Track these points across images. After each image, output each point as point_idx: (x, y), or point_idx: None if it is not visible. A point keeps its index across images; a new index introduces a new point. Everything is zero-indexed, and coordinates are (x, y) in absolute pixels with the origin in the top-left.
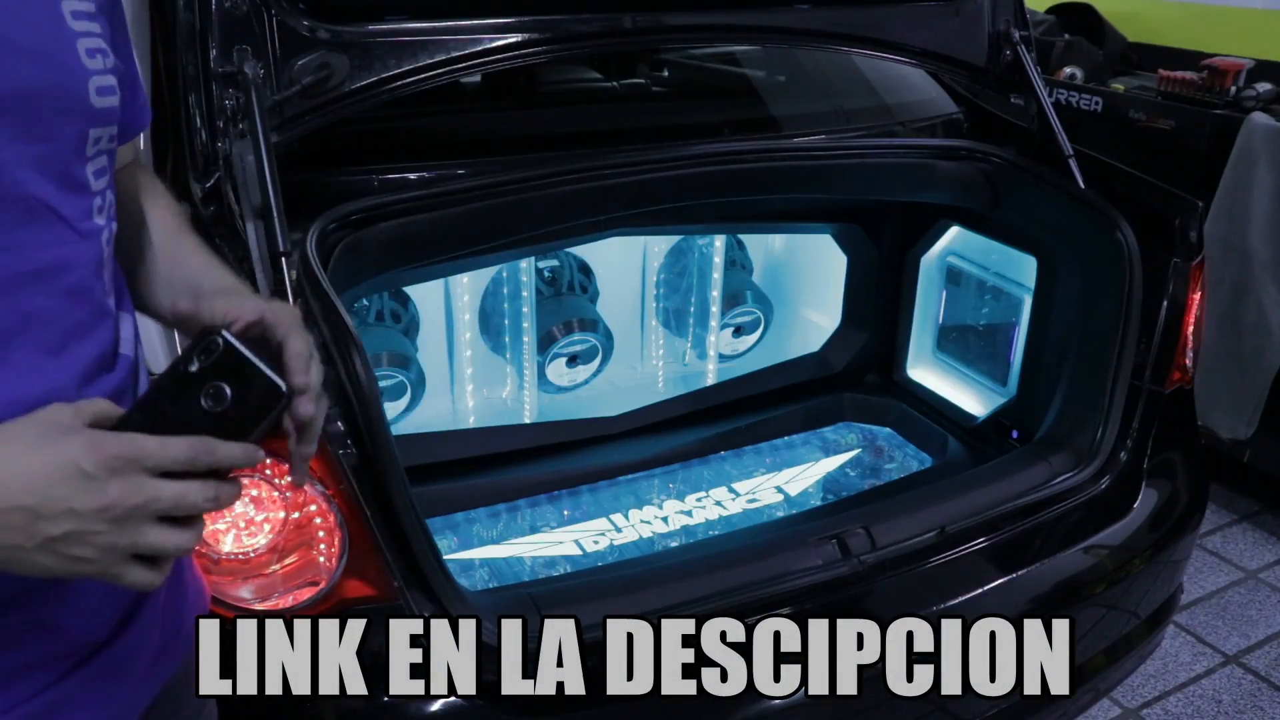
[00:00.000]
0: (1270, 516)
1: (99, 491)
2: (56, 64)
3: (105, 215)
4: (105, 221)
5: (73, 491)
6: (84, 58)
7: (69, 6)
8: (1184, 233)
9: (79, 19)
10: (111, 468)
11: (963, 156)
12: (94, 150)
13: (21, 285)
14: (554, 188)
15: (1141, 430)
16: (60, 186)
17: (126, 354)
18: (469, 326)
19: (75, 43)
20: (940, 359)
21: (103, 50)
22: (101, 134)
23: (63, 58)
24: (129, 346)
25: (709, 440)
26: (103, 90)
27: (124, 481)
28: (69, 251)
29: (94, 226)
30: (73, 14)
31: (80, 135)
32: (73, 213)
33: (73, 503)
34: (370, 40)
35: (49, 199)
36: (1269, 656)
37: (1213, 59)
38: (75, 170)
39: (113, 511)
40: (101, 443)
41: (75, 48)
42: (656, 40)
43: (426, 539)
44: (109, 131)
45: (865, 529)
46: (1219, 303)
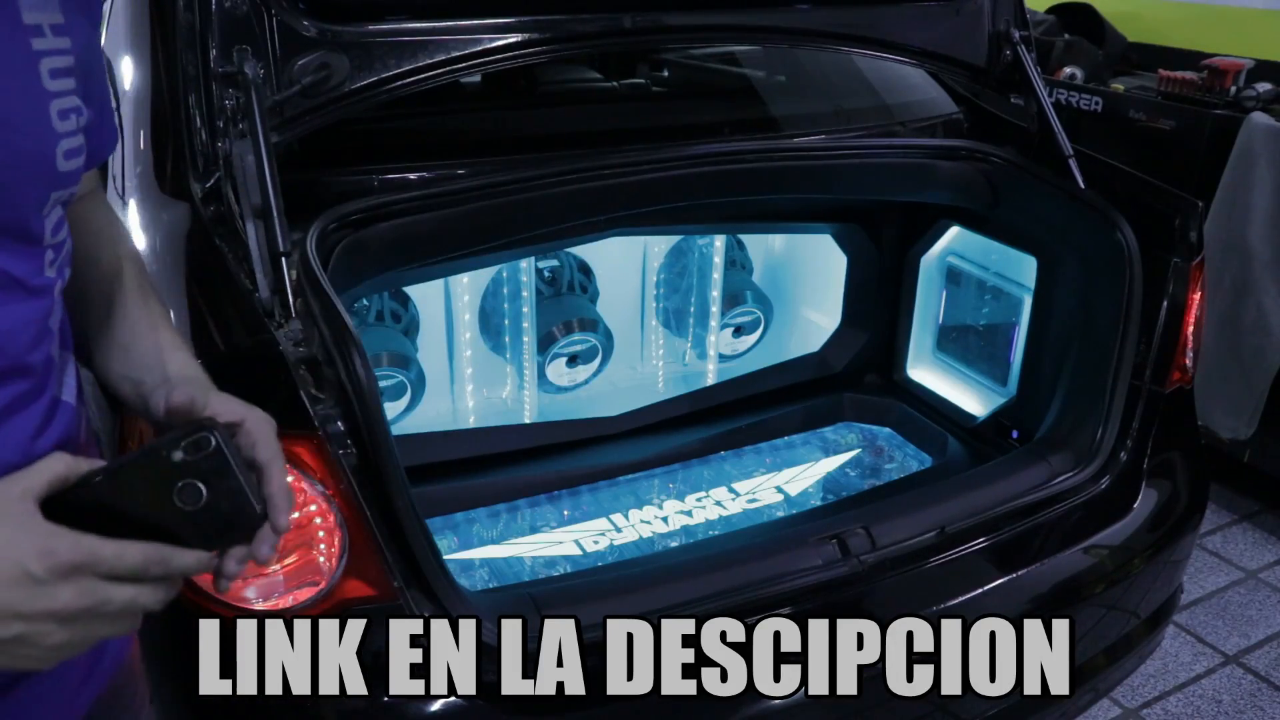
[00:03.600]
0: (1270, 516)
1: (49, 597)
2: (25, 134)
3: (57, 267)
4: (56, 274)
5: (22, 597)
6: (56, 121)
7: (48, 65)
8: (1184, 233)
9: (56, 77)
10: (62, 573)
11: (963, 156)
12: (52, 206)
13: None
14: (554, 188)
15: (1141, 430)
16: (16, 251)
17: (68, 400)
18: (469, 326)
19: (49, 105)
20: (940, 359)
21: (76, 109)
22: (63, 194)
23: (33, 127)
24: (71, 392)
25: (709, 440)
26: (70, 153)
27: (74, 587)
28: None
29: (47, 281)
30: (51, 72)
31: (41, 199)
32: (26, 272)
33: (21, 607)
34: (370, 40)
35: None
36: (1269, 656)
37: (1213, 59)
38: (32, 227)
39: (61, 615)
40: (54, 548)
41: (48, 111)
42: (656, 40)
43: (426, 539)
44: (70, 191)
45: (865, 529)
46: (1219, 303)
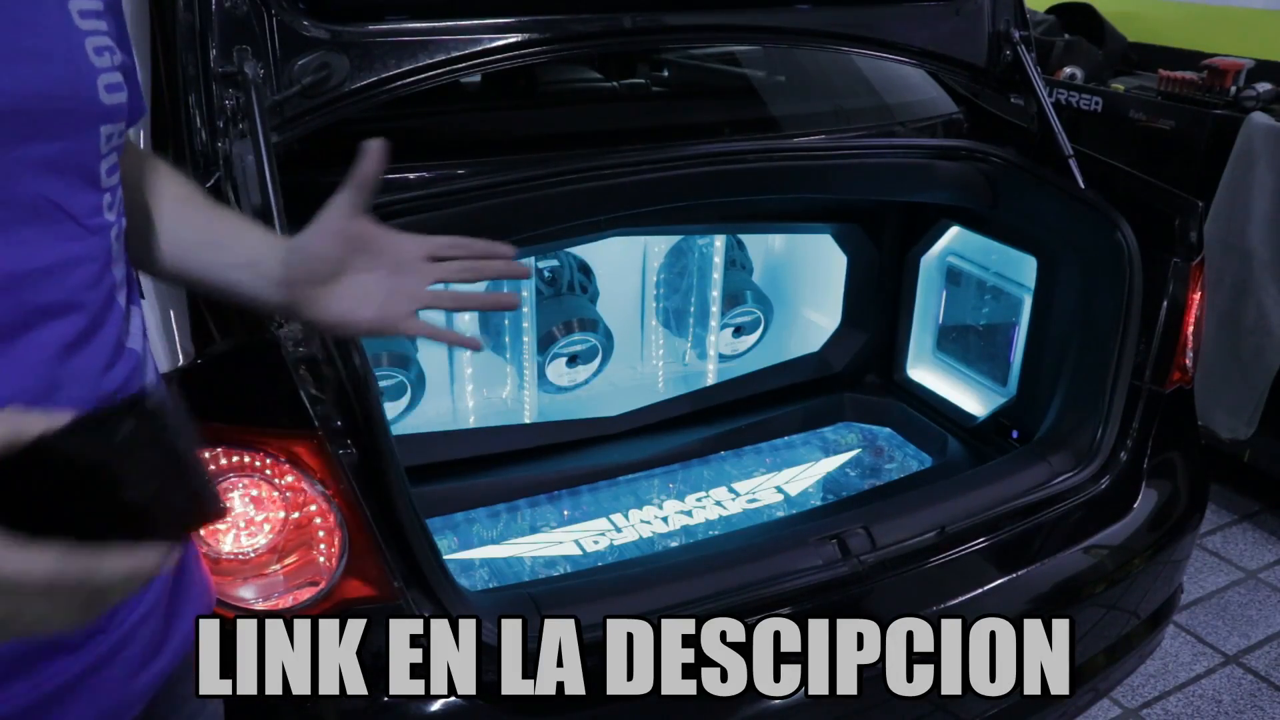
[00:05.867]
0: (1270, 516)
1: None
2: (66, 65)
3: (115, 211)
4: (115, 217)
5: None
6: (92, 56)
7: (76, 6)
8: (1184, 233)
9: (86, 18)
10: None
11: (963, 156)
12: (108, 148)
13: (28, 282)
14: (554, 188)
15: (1141, 430)
16: (72, 185)
17: (134, 348)
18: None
19: (84, 42)
20: (940, 359)
21: (110, 48)
22: (113, 130)
23: (72, 58)
24: (137, 340)
25: (709, 440)
26: (111, 87)
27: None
28: (78, 248)
29: (104, 222)
30: (80, 13)
31: (93, 133)
32: (82, 210)
33: None
34: (370, 40)
35: (58, 197)
36: (1269, 656)
37: (1213, 59)
38: (90, 167)
39: None
40: None
41: (84, 47)
42: (656, 40)
43: (426, 539)
44: (119, 127)
45: (865, 529)
46: (1219, 303)
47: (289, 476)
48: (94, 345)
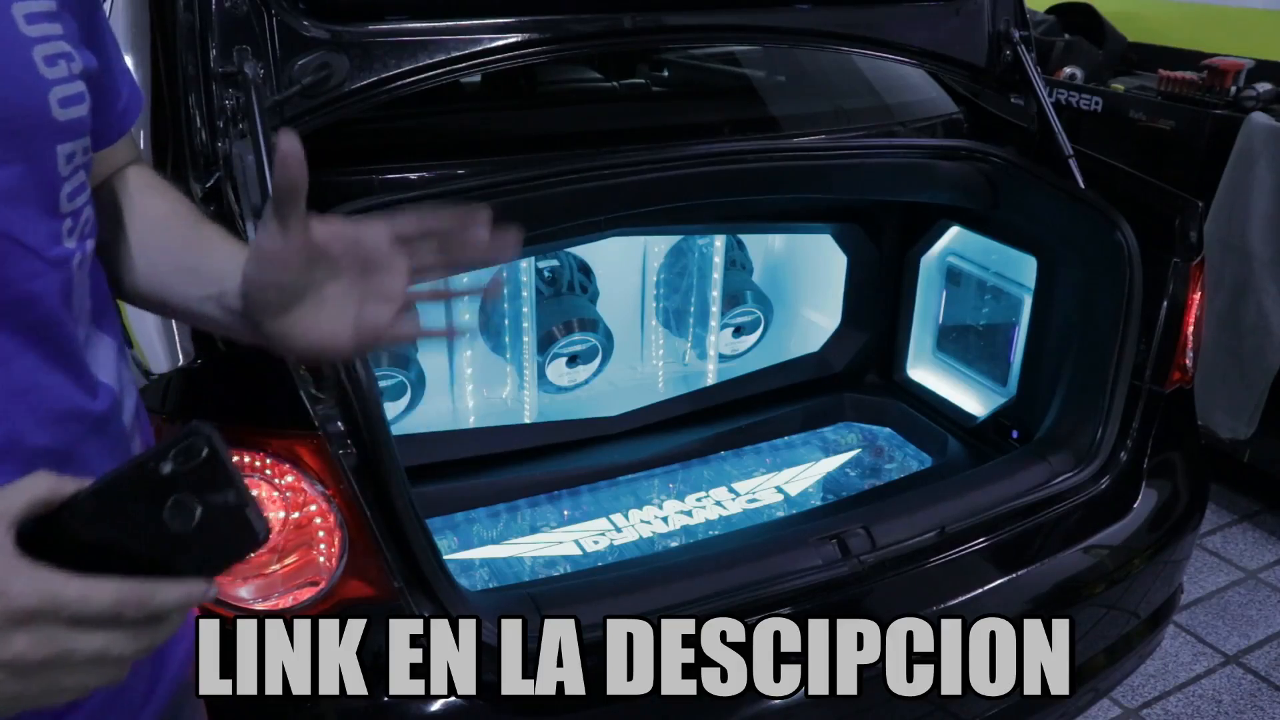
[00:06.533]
0: (1270, 516)
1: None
2: (10, 81)
3: (77, 237)
4: (76, 244)
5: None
6: (42, 67)
7: (22, 9)
8: (1184, 233)
9: (35, 21)
10: (17, 620)
11: (963, 156)
12: (69, 168)
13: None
14: (554, 188)
15: (1141, 430)
16: (26, 215)
17: (107, 382)
18: (469, 326)
19: (31, 51)
20: (940, 359)
21: (66, 54)
22: (73, 149)
23: (15, 71)
24: (109, 373)
25: (709, 440)
26: (67, 100)
27: (33, 635)
28: (33, 285)
29: (64, 252)
30: (26, 17)
31: (49, 154)
32: (39, 241)
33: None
34: (370, 40)
35: (12, 229)
36: (1269, 656)
37: (1213, 59)
38: (48, 192)
39: (16, 665)
40: (7, 588)
41: (31, 56)
42: (656, 40)
43: (426, 539)
44: (81, 145)
45: (865, 529)
46: (1219, 303)
47: (289, 476)
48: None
